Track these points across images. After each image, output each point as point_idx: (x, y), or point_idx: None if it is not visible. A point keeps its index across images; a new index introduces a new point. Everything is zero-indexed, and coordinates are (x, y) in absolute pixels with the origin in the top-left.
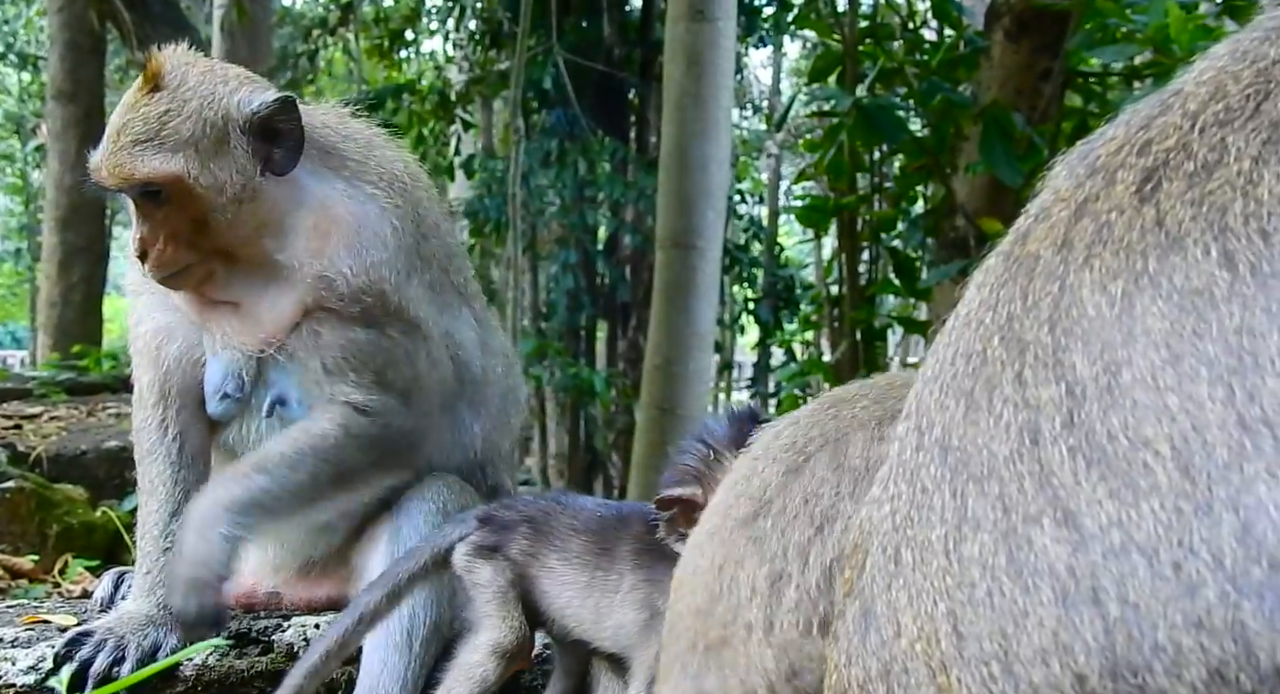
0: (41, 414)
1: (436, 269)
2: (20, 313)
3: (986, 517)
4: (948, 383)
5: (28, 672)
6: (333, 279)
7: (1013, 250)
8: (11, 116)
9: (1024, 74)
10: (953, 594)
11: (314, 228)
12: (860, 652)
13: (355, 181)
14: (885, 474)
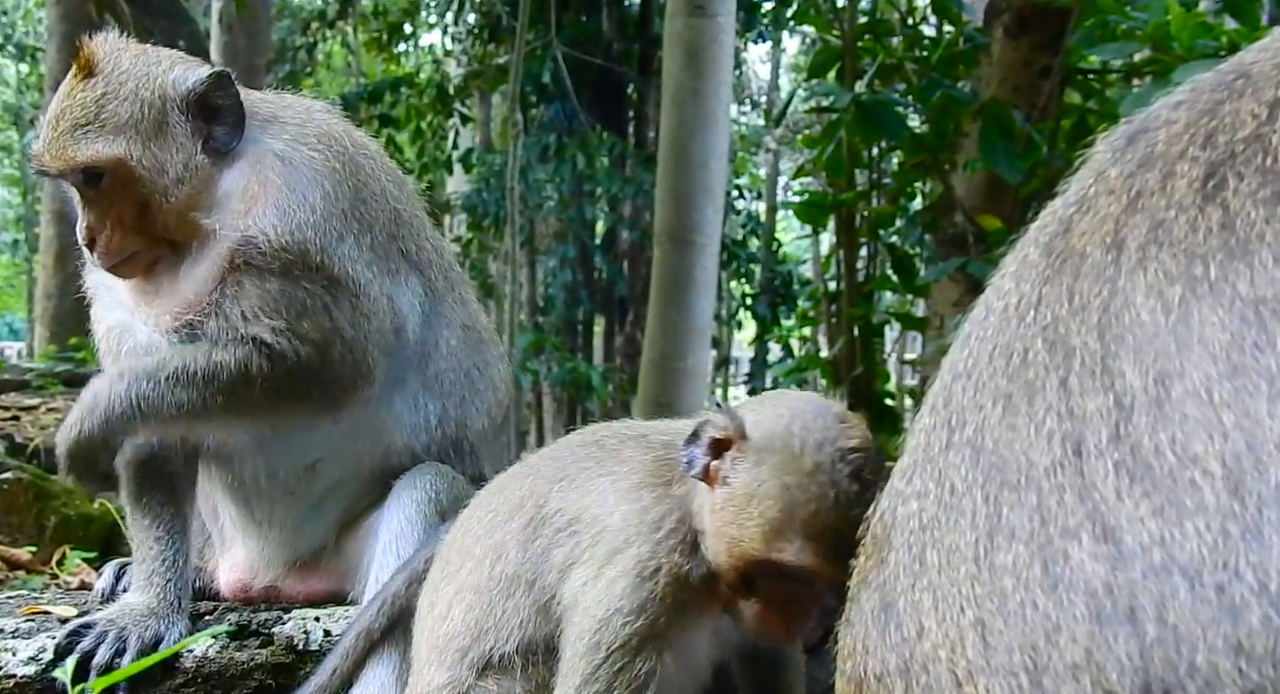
0: (39, 405)
1: (380, 234)
2: (18, 305)
3: (1022, 527)
4: (984, 381)
5: (28, 663)
6: (255, 238)
7: (1054, 243)
8: (10, 108)
9: (1023, 71)
10: (982, 603)
11: (244, 192)
12: (879, 645)
13: (294, 144)
14: (908, 466)
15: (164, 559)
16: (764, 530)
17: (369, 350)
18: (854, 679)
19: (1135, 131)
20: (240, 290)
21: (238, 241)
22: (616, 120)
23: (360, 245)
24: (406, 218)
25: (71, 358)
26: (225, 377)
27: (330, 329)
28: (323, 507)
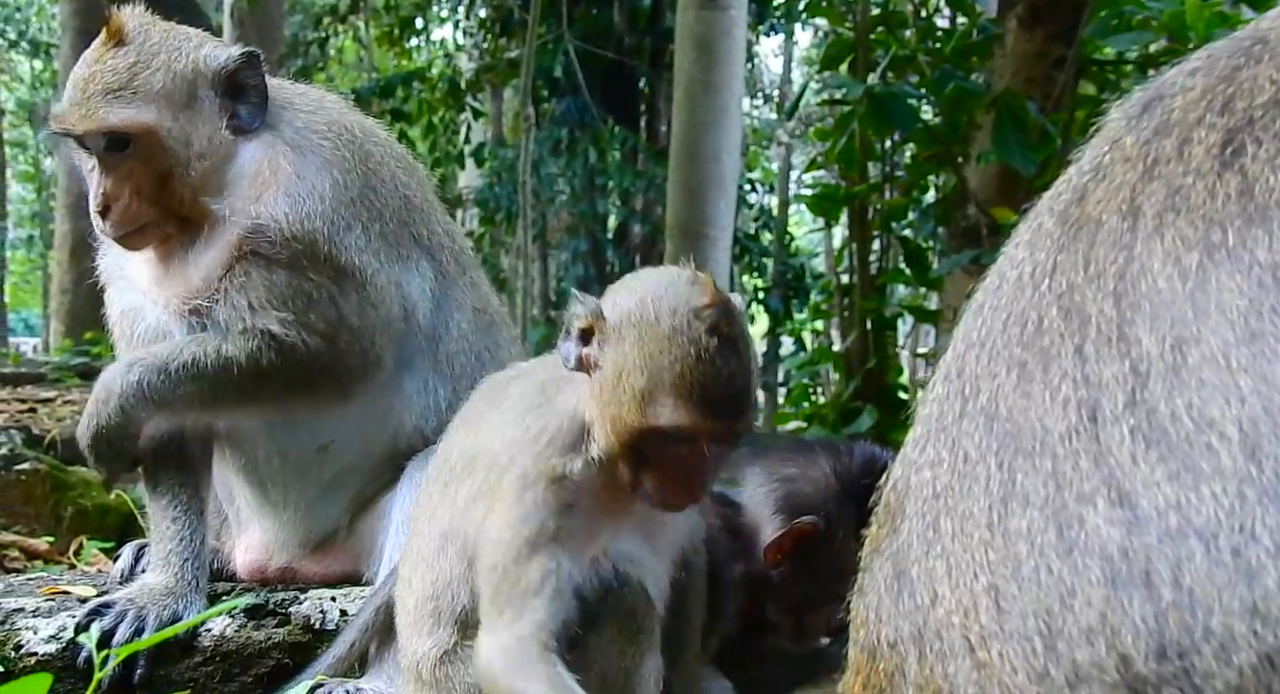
0: (55, 398)
1: (390, 221)
2: (33, 300)
3: (1037, 492)
4: (998, 349)
5: (49, 641)
6: (265, 226)
7: (1069, 211)
8: (24, 104)
9: (1037, 62)
10: (996, 569)
11: (255, 177)
12: (892, 612)
13: (304, 133)
14: (920, 435)
15: (181, 539)
16: (637, 400)
17: (376, 339)
18: (867, 647)
19: (1150, 99)
20: (248, 280)
21: (247, 229)
22: (628, 114)
23: (369, 233)
24: (417, 203)
25: (87, 352)
26: (234, 369)
27: (337, 319)
28: (336, 488)
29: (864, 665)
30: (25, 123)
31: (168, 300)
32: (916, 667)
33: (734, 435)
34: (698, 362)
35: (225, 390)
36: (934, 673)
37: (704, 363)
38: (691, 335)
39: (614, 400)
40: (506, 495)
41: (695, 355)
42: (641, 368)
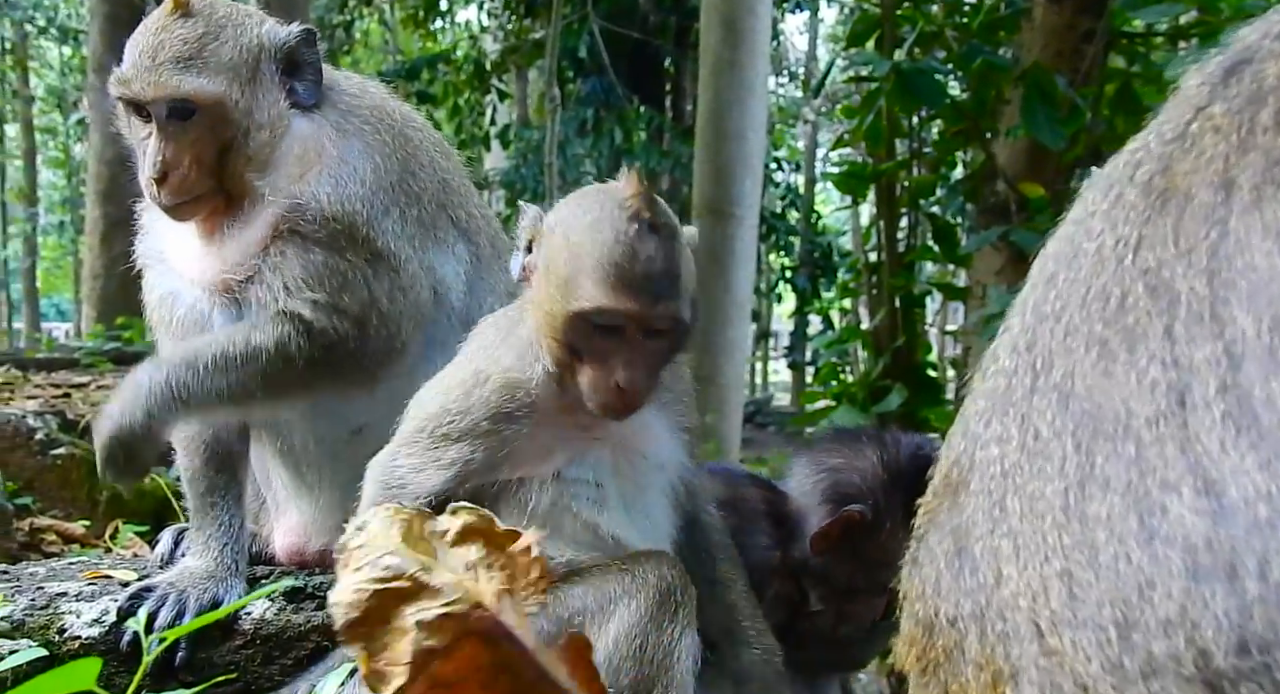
0: (89, 383)
1: (429, 205)
2: (65, 285)
3: (1118, 478)
4: (1076, 325)
5: (92, 625)
6: (306, 205)
7: (1153, 182)
8: (53, 91)
9: (1066, 35)
10: (1070, 554)
11: (299, 158)
12: (952, 588)
13: (349, 116)
14: (984, 409)
15: (220, 524)
16: (562, 288)
17: (403, 324)
18: (924, 622)
19: (1233, 63)
20: (283, 260)
21: (287, 208)
22: (653, 94)
23: (406, 218)
24: (455, 187)
25: (119, 337)
26: (263, 357)
27: (368, 302)
28: None
29: (919, 639)
30: (55, 109)
31: (205, 281)
32: (977, 645)
33: (662, 326)
34: (616, 243)
35: (254, 381)
36: (995, 653)
37: (622, 245)
38: (613, 221)
39: (545, 295)
40: (460, 384)
41: (614, 238)
42: (566, 257)
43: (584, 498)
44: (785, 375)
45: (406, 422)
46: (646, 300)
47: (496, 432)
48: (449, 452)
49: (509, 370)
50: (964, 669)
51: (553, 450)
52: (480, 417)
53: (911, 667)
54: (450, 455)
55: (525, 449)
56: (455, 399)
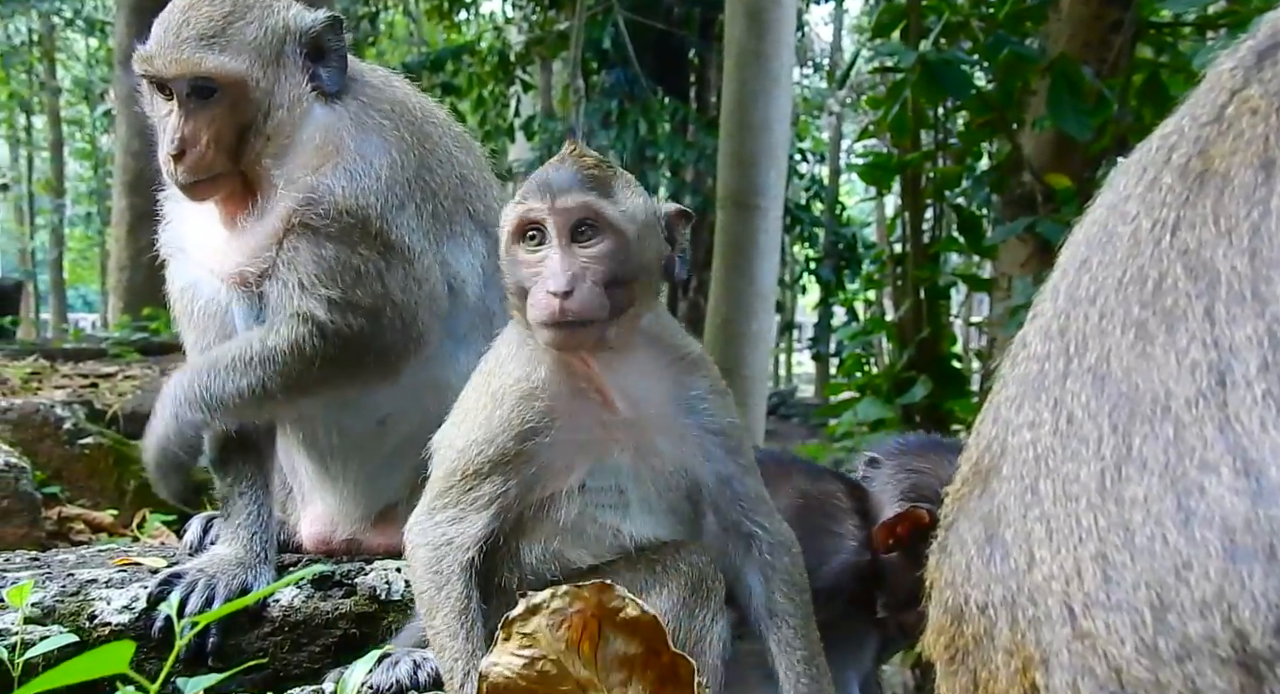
0: (116, 373)
1: (445, 199)
2: (91, 276)
3: (1156, 459)
4: (1112, 308)
5: (122, 611)
6: (319, 198)
7: (1190, 165)
8: (80, 82)
9: (1093, 26)
10: (1105, 536)
11: (318, 148)
12: (983, 575)
13: (368, 109)
14: (1014, 395)
15: (249, 513)
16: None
17: (419, 315)
18: (953, 610)
19: (1266, 47)
20: (297, 255)
21: (300, 201)
22: (678, 85)
23: (421, 213)
24: (474, 181)
25: (145, 327)
26: (281, 358)
27: (382, 295)
28: (396, 461)
29: (948, 627)
30: (82, 101)
31: (223, 272)
32: (1008, 632)
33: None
34: (537, 170)
35: (275, 381)
36: (1026, 639)
37: (543, 167)
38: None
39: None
40: (481, 410)
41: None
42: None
43: (607, 505)
44: (809, 367)
45: (435, 469)
46: (554, 195)
47: (524, 451)
48: (484, 488)
49: (520, 382)
50: (994, 656)
51: (575, 458)
52: (506, 439)
53: (940, 655)
54: (486, 492)
55: (551, 463)
56: (479, 428)
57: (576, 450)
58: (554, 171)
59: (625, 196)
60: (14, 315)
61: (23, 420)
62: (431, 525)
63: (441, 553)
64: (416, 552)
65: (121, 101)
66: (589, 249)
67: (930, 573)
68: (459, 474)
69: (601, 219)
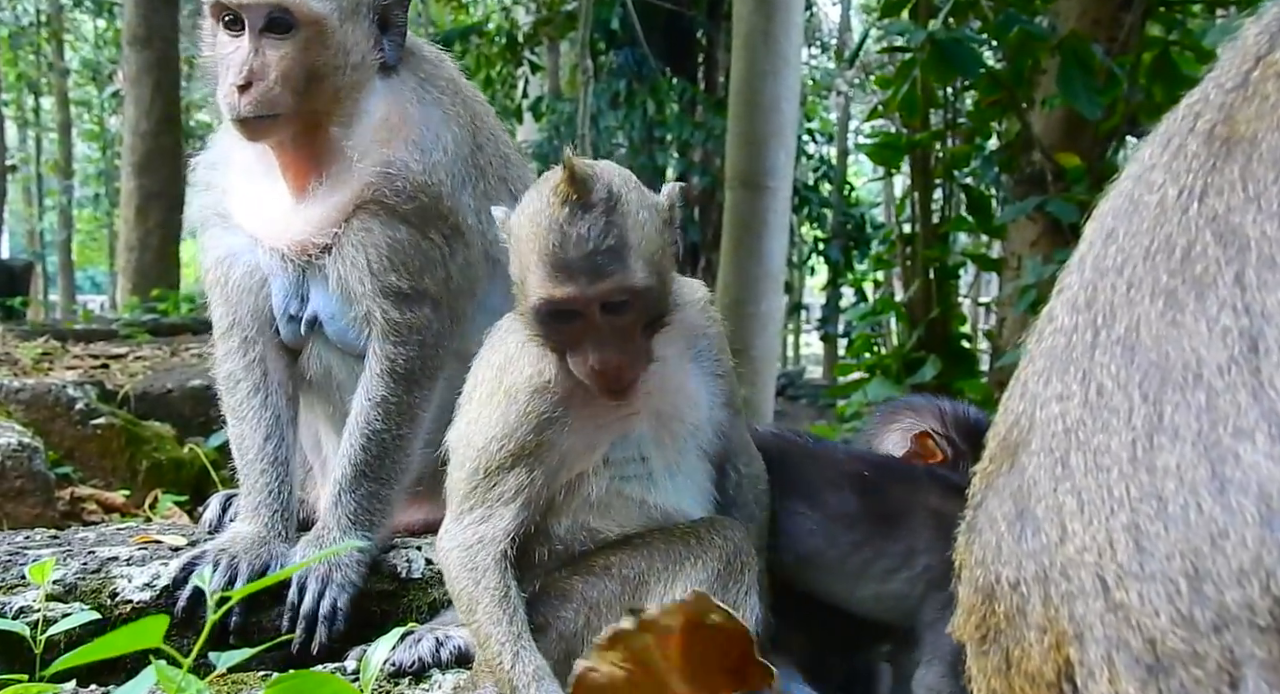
0: (127, 354)
1: (493, 178)
2: (99, 258)
3: (1188, 427)
4: (1139, 277)
5: (143, 589)
6: (394, 173)
7: (1216, 131)
8: (88, 63)
9: (1103, 4)
10: (1137, 506)
11: (384, 120)
12: (1014, 551)
13: (426, 85)
14: (1043, 368)
15: (269, 490)
16: (520, 289)
17: (463, 300)
18: (984, 588)
19: None
20: (368, 236)
21: (375, 175)
22: (686, 65)
23: (475, 192)
24: (515, 160)
25: (154, 308)
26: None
27: (444, 281)
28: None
29: (979, 606)
30: (90, 82)
31: (279, 242)
32: (1040, 608)
33: (615, 299)
34: (548, 232)
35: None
36: (1059, 614)
37: (553, 231)
38: (546, 209)
39: (517, 295)
40: (496, 407)
41: (547, 226)
42: (516, 255)
43: (631, 476)
44: (817, 348)
45: (454, 471)
46: (585, 280)
47: (544, 441)
48: (508, 482)
49: (532, 378)
50: (1026, 633)
51: (597, 438)
52: (525, 432)
53: (970, 635)
54: (511, 485)
55: (574, 446)
56: (496, 424)
57: (597, 430)
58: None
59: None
60: (23, 296)
61: (35, 401)
62: (460, 529)
63: (473, 551)
64: (450, 555)
65: (130, 82)
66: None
67: (960, 553)
68: (481, 472)
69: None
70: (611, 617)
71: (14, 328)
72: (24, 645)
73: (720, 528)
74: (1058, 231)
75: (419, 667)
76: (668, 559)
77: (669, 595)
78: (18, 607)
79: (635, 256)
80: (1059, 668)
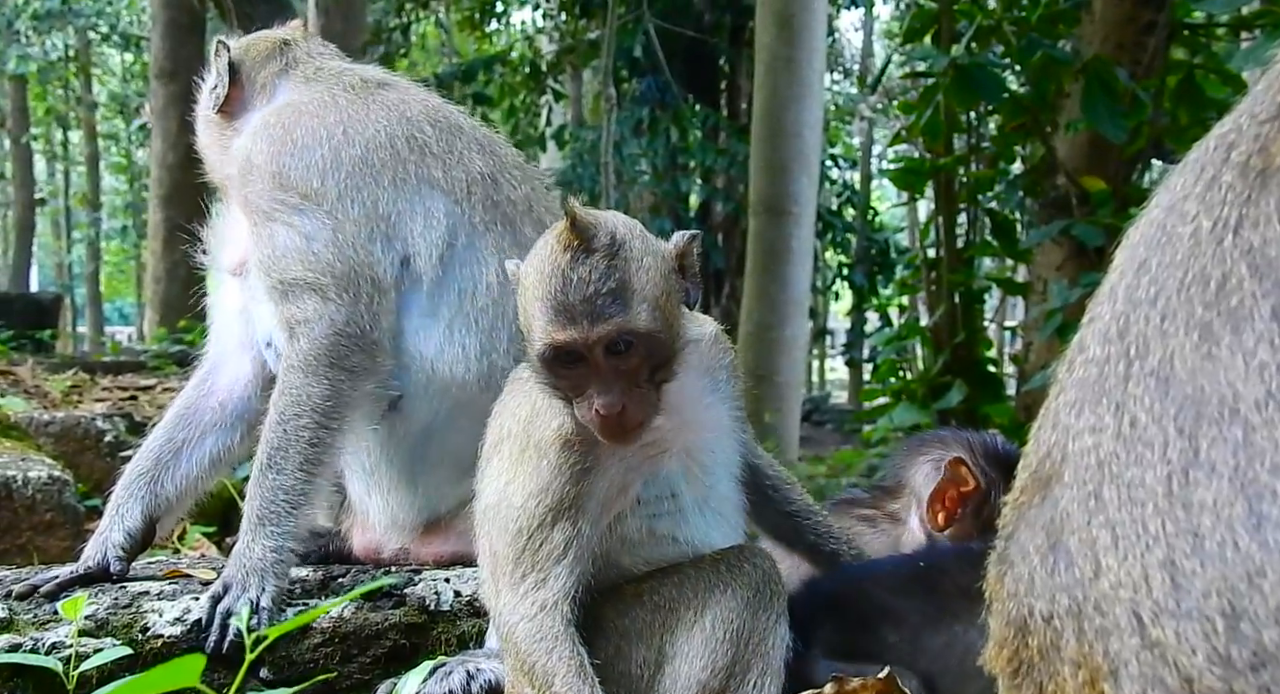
0: (155, 386)
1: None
2: (127, 289)
3: (1224, 462)
4: (1173, 308)
5: (174, 623)
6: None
7: (1251, 163)
8: (115, 97)
9: (1126, 27)
10: (1173, 542)
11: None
12: (1047, 584)
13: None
14: (1075, 400)
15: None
16: (528, 332)
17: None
18: (1016, 622)
19: None
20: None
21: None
22: (709, 92)
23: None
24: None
25: (181, 340)
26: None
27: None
28: (441, 467)
29: (1011, 639)
30: (117, 115)
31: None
32: (1074, 642)
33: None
34: (549, 277)
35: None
36: (1094, 649)
37: (554, 276)
38: (548, 256)
39: (526, 345)
40: (528, 463)
41: (549, 272)
42: (523, 303)
43: (662, 513)
44: (842, 373)
45: (496, 541)
46: (587, 323)
47: (582, 491)
48: (554, 538)
49: (559, 429)
50: (1060, 668)
51: (629, 478)
52: (560, 483)
53: (1003, 669)
54: (558, 540)
55: (609, 491)
56: (531, 479)
57: (628, 471)
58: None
59: (644, 285)
60: (52, 329)
61: (64, 433)
62: (518, 600)
63: (539, 621)
64: (515, 630)
65: (157, 116)
66: (625, 361)
67: (990, 585)
68: (525, 532)
69: (634, 333)
70: (642, 645)
71: (43, 360)
72: (57, 681)
73: (749, 555)
74: (1083, 255)
75: None
76: (698, 587)
77: (699, 623)
78: (50, 642)
79: (638, 300)
80: None
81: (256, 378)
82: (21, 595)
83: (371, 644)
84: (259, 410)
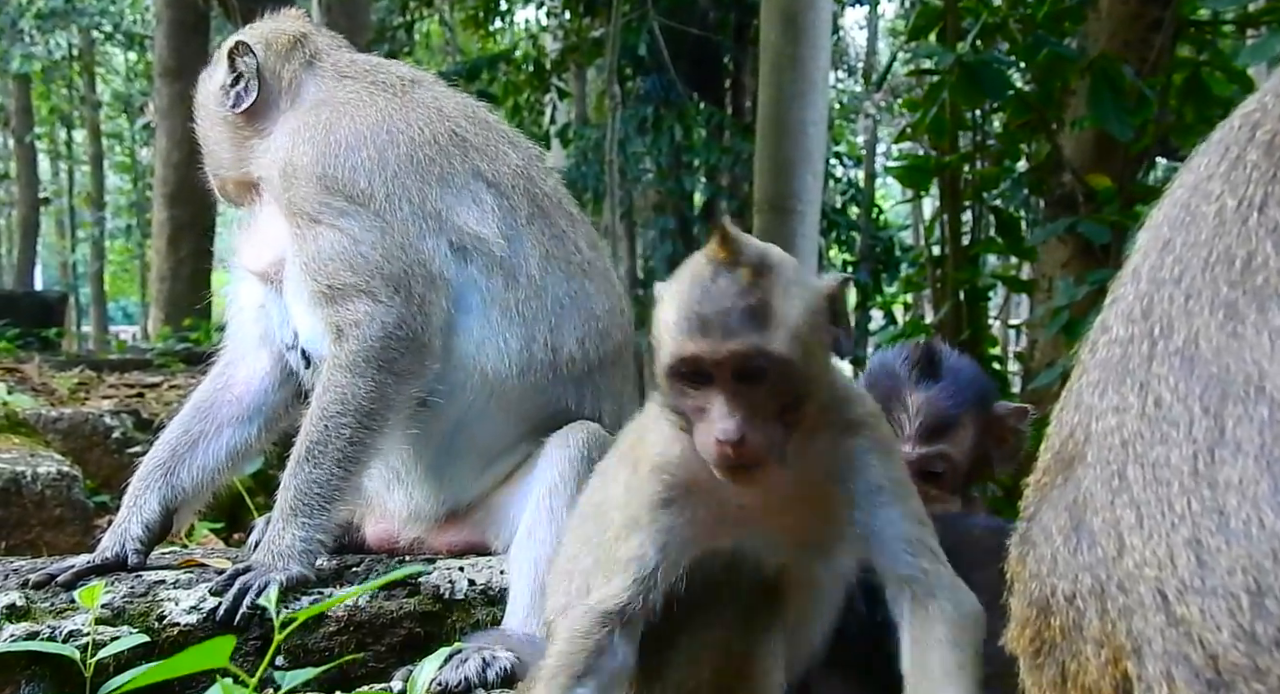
0: (161, 383)
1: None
2: (131, 288)
3: (1250, 441)
4: (1198, 288)
5: (190, 611)
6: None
7: (1275, 141)
8: (120, 96)
9: (1133, 25)
10: (1199, 520)
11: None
12: (1070, 564)
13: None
14: (1097, 380)
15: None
16: (659, 347)
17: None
18: (1038, 602)
19: None
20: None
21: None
22: (713, 90)
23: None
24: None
25: (186, 338)
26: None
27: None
28: (467, 459)
29: (1033, 620)
30: (121, 114)
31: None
32: (1097, 622)
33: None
34: (691, 288)
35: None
36: (1116, 628)
37: (695, 287)
38: (692, 271)
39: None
40: (621, 471)
41: (690, 283)
42: (659, 317)
43: None
44: (847, 371)
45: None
46: (719, 336)
47: (657, 520)
48: (619, 549)
49: (658, 452)
50: (1083, 648)
51: (717, 532)
52: (638, 503)
53: (1024, 649)
54: (623, 554)
55: (688, 538)
56: (618, 487)
57: (717, 524)
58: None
59: (787, 311)
60: (58, 328)
61: (73, 430)
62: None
63: (585, 610)
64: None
65: (161, 115)
66: (756, 389)
67: (1013, 565)
68: (603, 532)
69: (768, 356)
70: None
71: (49, 358)
72: (74, 669)
73: None
74: (1089, 253)
75: (465, 687)
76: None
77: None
78: (67, 630)
79: (777, 323)
80: (1116, 682)
81: (274, 373)
82: (38, 584)
83: (386, 632)
84: (276, 405)
